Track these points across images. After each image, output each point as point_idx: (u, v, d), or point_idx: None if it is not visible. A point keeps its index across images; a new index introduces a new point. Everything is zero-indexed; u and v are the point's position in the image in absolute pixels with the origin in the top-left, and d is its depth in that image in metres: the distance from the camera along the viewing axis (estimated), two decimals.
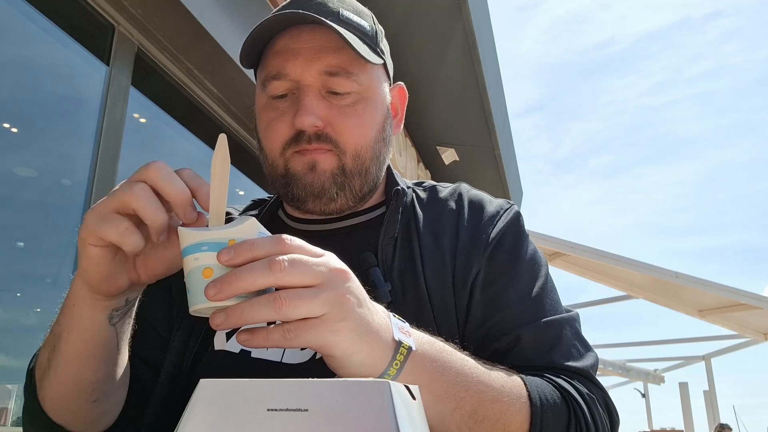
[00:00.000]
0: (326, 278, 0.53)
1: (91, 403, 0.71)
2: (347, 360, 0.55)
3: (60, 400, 0.70)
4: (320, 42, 0.78)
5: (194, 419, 0.46)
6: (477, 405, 0.62)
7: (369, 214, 0.87)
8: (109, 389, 0.72)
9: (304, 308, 0.52)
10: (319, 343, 0.53)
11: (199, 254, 0.54)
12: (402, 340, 0.58)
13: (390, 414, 0.43)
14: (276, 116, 0.80)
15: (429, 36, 3.66)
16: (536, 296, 0.78)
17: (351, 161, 0.80)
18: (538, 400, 0.66)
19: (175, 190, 0.57)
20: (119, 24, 2.40)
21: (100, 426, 0.75)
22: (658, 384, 15.25)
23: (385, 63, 0.86)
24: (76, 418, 0.72)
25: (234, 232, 0.54)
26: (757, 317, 9.20)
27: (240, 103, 3.07)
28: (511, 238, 0.82)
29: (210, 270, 0.53)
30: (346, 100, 0.79)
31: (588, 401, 0.70)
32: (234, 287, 0.51)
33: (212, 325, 0.53)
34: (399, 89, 0.92)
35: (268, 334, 0.53)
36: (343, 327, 0.53)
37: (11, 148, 2.20)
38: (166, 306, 0.85)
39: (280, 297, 0.51)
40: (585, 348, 0.77)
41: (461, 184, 0.92)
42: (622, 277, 9.09)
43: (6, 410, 2.24)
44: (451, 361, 0.62)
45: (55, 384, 0.69)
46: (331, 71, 0.77)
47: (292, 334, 0.52)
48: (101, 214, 0.57)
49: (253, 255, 0.52)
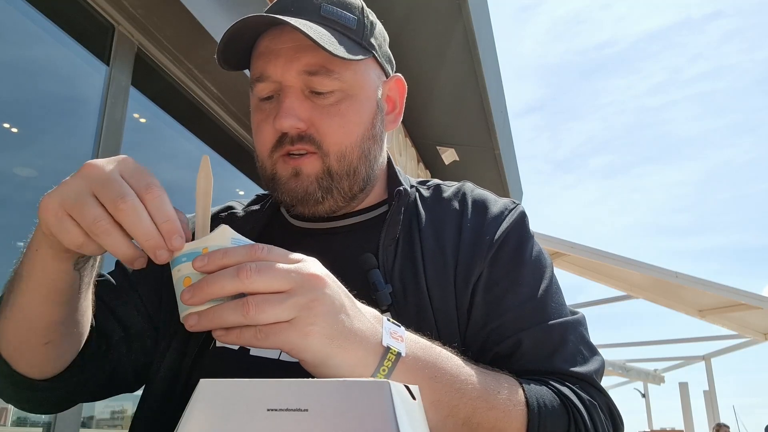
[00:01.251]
0: (297, 284, 0.55)
1: (42, 345, 0.70)
2: (322, 364, 0.56)
3: (13, 339, 0.70)
4: (299, 41, 0.76)
5: (194, 419, 0.46)
6: (471, 412, 0.61)
7: (370, 213, 0.86)
8: (63, 334, 0.71)
9: (271, 312, 0.53)
10: (288, 345, 0.54)
11: (180, 266, 0.57)
12: (391, 345, 0.58)
13: (390, 414, 0.43)
14: (262, 119, 0.80)
15: (429, 36, 3.66)
16: (540, 299, 0.76)
17: (336, 163, 0.78)
18: (536, 407, 0.65)
19: (148, 239, 0.55)
20: (119, 24, 2.40)
21: (45, 370, 0.74)
22: (658, 384, 15.23)
23: (376, 56, 0.84)
24: (23, 357, 0.72)
25: (207, 241, 0.57)
26: (757, 317, 9.20)
27: (240, 103, 3.07)
28: (515, 239, 0.81)
29: (189, 279, 0.56)
30: (329, 99, 0.78)
31: (589, 407, 0.69)
32: (204, 292, 0.54)
33: (186, 326, 0.55)
34: (396, 81, 0.89)
35: (240, 333, 0.55)
36: (312, 331, 0.54)
37: (11, 148, 2.20)
38: (156, 281, 0.85)
39: (248, 302, 0.53)
40: (590, 352, 0.75)
41: (466, 183, 0.90)
42: (622, 277, 9.08)
43: (6, 410, 2.24)
44: (445, 367, 0.62)
45: (10, 322, 0.69)
46: (310, 71, 0.76)
47: (262, 335, 0.54)
48: (60, 216, 0.56)
49: (224, 263, 0.55)
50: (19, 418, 2.25)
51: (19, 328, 0.69)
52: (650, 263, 8.45)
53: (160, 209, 0.56)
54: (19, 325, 0.69)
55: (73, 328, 0.73)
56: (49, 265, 0.63)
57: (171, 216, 0.56)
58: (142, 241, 0.55)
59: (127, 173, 0.57)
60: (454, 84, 4.14)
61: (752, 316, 9.22)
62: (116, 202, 0.54)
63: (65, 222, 0.56)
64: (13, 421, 2.23)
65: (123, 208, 0.54)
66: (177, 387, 0.77)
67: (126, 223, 0.55)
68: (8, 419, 2.24)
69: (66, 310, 0.69)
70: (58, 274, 0.64)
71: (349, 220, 0.85)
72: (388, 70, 0.88)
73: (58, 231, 0.57)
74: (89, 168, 0.58)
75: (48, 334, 0.70)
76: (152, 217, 0.55)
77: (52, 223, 0.57)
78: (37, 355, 0.71)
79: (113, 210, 0.55)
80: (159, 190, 0.57)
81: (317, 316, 0.55)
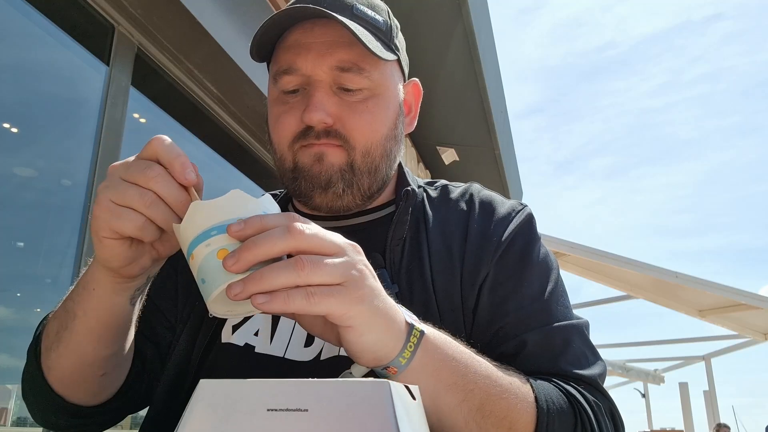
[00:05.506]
0: (341, 248, 0.54)
1: (99, 377, 0.73)
2: (363, 335, 0.54)
3: (68, 374, 0.72)
4: (332, 37, 0.77)
5: (194, 419, 0.46)
6: (485, 399, 0.61)
7: (378, 213, 0.86)
8: (117, 363, 0.74)
9: (325, 271, 0.51)
10: (341, 310, 0.52)
11: (209, 240, 0.53)
12: (414, 323, 0.58)
13: (390, 414, 0.43)
14: (285, 110, 0.79)
15: (429, 36, 3.66)
16: (545, 300, 0.76)
17: (360, 158, 0.79)
18: (545, 403, 0.65)
19: (186, 175, 0.57)
20: (119, 24, 2.40)
21: (101, 398, 0.77)
22: (658, 384, 15.23)
23: (399, 59, 0.85)
24: (79, 390, 0.74)
25: (241, 212, 0.53)
26: (757, 317, 9.20)
27: (240, 103, 3.07)
28: (521, 241, 0.81)
29: (225, 250, 0.52)
30: (357, 96, 0.78)
31: (595, 409, 0.69)
32: (254, 252, 0.50)
33: (229, 295, 0.51)
34: (414, 86, 0.91)
35: (289, 296, 0.50)
36: (364, 296, 0.53)
37: (11, 149, 2.20)
38: (173, 286, 0.87)
39: (302, 259, 0.50)
40: (594, 356, 0.75)
41: (473, 185, 0.90)
42: (622, 277, 9.09)
43: (6, 410, 2.25)
44: (460, 352, 0.62)
45: (63, 359, 0.70)
46: (342, 67, 0.77)
47: (316, 298, 0.50)
48: (113, 208, 0.57)
49: (263, 226, 0.52)
50: (19, 419, 2.25)
51: (74, 364, 0.70)
52: (650, 263, 8.47)
53: (174, 154, 0.58)
54: (74, 362, 0.70)
55: (124, 356, 0.75)
56: (107, 302, 0.65)
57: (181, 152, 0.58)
58: (186, 180, 0.57)
59: (139, 156, 0.59)
60: (454, 84, 4.14)
61: (752, 316, 9.23)
62: (145, 172, 0.56)
63: (119, 210, 0.57)
64: (13, 421, 2.23)
65: (151, 174, 0.56)
66: (184, 385, 0.78)
67: (172, 165, 0.57)
68: (8, 419, 2.24)
69: (120, 343, 0.72)
70: (116, 309, 0.66)
71: (357, 219, 0.85)
72: (406, 75, 0.90)
73: (118, 224, 0.57)
74: (109, 168, 0.60)
75: (105, 366, 0.72)
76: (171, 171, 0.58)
77: (110, 219, 0.57)
78: (92, 386, 0.74)
79: (144, 181, 0.56)
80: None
81: (366, 281, 0.54)
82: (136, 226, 0.57)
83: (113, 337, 0.69)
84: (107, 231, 0.58)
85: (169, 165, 0.57)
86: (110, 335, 0.69)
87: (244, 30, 2.70)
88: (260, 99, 2.93)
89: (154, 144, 0.58)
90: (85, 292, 0.66)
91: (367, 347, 0.55)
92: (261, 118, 3.53)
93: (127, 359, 0.77)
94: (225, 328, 0.80)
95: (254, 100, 2.95)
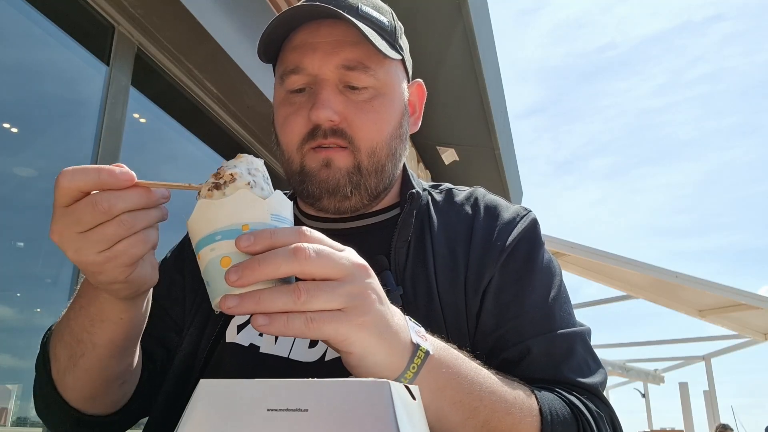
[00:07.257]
0: (349, 272, 0.52)
1: (119, 386, 0.74)
2: (365, 359, 0.53)
3: (88, 392, 0.72)
4: (338, 36, 0.77)
5: (194, 419, 0.46)
6: (490, 416, 0.61)
7: (383, 215, 0.86)
8: (133, 370, 0.75)
9: (324, 299, 0.50)
10: (340, 336, 0.51)
11: (214, 244, 0.52)
12: (420, 343, 0.57)
13: (390, 414, 0.43)
14: (293, 111, 0.80)
15: (429, 36, 3.66)
16: (549, 306, 0.77)
17: (366, 159, 0.79)
18: (549, 415, 0.65)
19: (124, 176, 0.55)
20: (119, 24, 2.40)
21: (118, 405, 0.78)
22: (658, 384, 15.23)
23: (404, 59, 0.86)
24: (99, 404, 0.75)
25: (247, 215, 0.52)
26: (757, 317, 9.20)
27: (240, 103, 3.06)
28: (526, 246, 0.81)
29: (228, 259, 0.51)
30: (363, 95, 0.79)
31: (597, 418, 0.69)
32: (257, 273, 0.49)
33: (223, 308, 0.50)
34: (417, 86, 0.91)
35: (289, 320, 0.50)
36: (366, 322, 0.52)
37: (11, 149, 2.20)
38: (180, 292, 0.87)
39: (299, 287, 0.50)
40: (596, 364, 0.76)
41: (477, 189, 0.90)
42: (622, 277, 9.08)
43: (6, 410, 2.24)
44: (465, 369, 0.61)
45: (83, 381, 0.71)
46: (348, 65, 0.77)
47: (315, 324, 0.50)
48: (107, 253, 0.56)
49: (272, 243, 0.51)
50: (19, 419, 2.25)
51: (96, 381, 0.71)
52: (650, 263, 8.46)
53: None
54: (96, 379, 0.71)
55: (137, 356, 0.76)
56: (121, 326, 0.66)
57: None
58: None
59: (59, 203, 0.56)
60: (454, 84, 4.14)
61: (752, 316, 9.22)
62: (98, 207, 0.54)
63: (109, 263, 0.56)
64: (13, 421, 2.23)
65: (105, 204, 0.54)
66: (189, 383, 0.78)
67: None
68: (8, 419, 2.23)
69: (135, 350, 0.73)
70: (131, 323, 0.67)
71: (362, 221, 0.85)
72: (410, 76, 0.90)
73: (123, 258, 0.56)
74: (57, 236, 0.58)
75: (124, 375, 0.73)
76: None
77: (111, 259, 0.56)
78: (111, 395, 0.75)
79: (107, 213, 0.54)
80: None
81: (370, 307, 0.53)
82: (124, 274, 0.58)
83: (134, 345, 0.71)
84: (117, 269, 0.57)
85: (99, 185, 0.54)
86: (131, 345, 0.70)
87: (244, 30, 2.70)
88: (260, 99, 2.92)
89: (65, 182, 0.54)
90: (95, 324, 0.66)
91: (368, 370, 0.54)
92: (261, 118, 3.54)
93: (140, 364, 0.78)
94: (230, 328, 0.80)
95: (254, 100, 2.95)
